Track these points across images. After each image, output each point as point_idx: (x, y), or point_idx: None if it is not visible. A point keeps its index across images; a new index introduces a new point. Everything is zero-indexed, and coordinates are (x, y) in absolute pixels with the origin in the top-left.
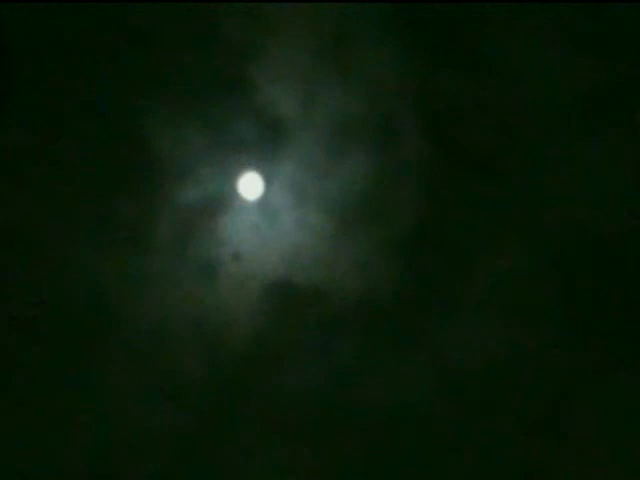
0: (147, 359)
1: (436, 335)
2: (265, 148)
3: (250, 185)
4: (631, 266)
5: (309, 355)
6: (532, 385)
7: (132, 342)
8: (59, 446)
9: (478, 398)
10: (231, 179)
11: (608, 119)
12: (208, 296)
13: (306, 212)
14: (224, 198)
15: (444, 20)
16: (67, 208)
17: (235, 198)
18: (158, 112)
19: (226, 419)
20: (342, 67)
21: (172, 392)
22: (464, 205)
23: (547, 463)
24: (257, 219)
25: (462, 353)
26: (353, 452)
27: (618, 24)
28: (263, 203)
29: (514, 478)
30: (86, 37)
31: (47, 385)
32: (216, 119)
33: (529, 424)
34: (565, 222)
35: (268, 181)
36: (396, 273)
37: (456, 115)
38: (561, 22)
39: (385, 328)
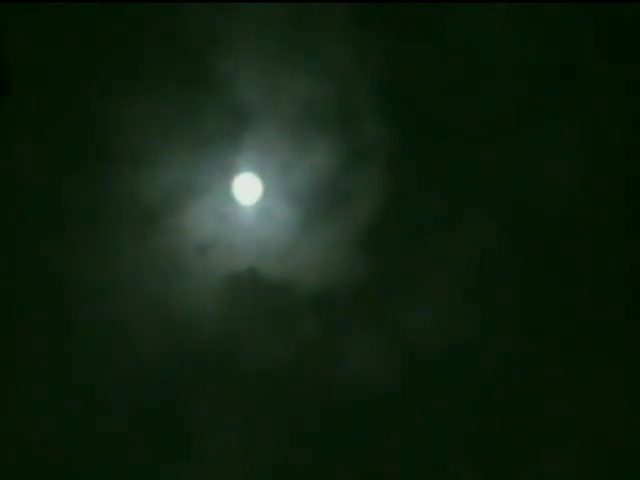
0: (108, 350)
1: (399, 316)
2: (228, 138)
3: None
4: (596, 242)
5: (272, 339)
6: (493, 364)
7: (92, 333)
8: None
9: (438, 376)
10: (194, 170)
11: (564, 93)
12: (172, 288)
13: (271, 202)
14: (187, 189)
15: (404, 3)
16: (20, 197)
17: (198, 189)
18: (119, 100)
19: (187, 402)
20: (305, 56)
21: (133, 381)
22: (428, 189)
23: (504, 441)
24: (221, 210)
25: (424, 333)
26: (314, 428)
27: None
28: (227, 194)
29: (470, 455)
30: (43, 29)
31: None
32: (178, 108)
33: (488, 403)
34: (533, 200)
35: (232, 172)
36: (361, 259)
37: (419, 97)
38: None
39: (349, 311)
